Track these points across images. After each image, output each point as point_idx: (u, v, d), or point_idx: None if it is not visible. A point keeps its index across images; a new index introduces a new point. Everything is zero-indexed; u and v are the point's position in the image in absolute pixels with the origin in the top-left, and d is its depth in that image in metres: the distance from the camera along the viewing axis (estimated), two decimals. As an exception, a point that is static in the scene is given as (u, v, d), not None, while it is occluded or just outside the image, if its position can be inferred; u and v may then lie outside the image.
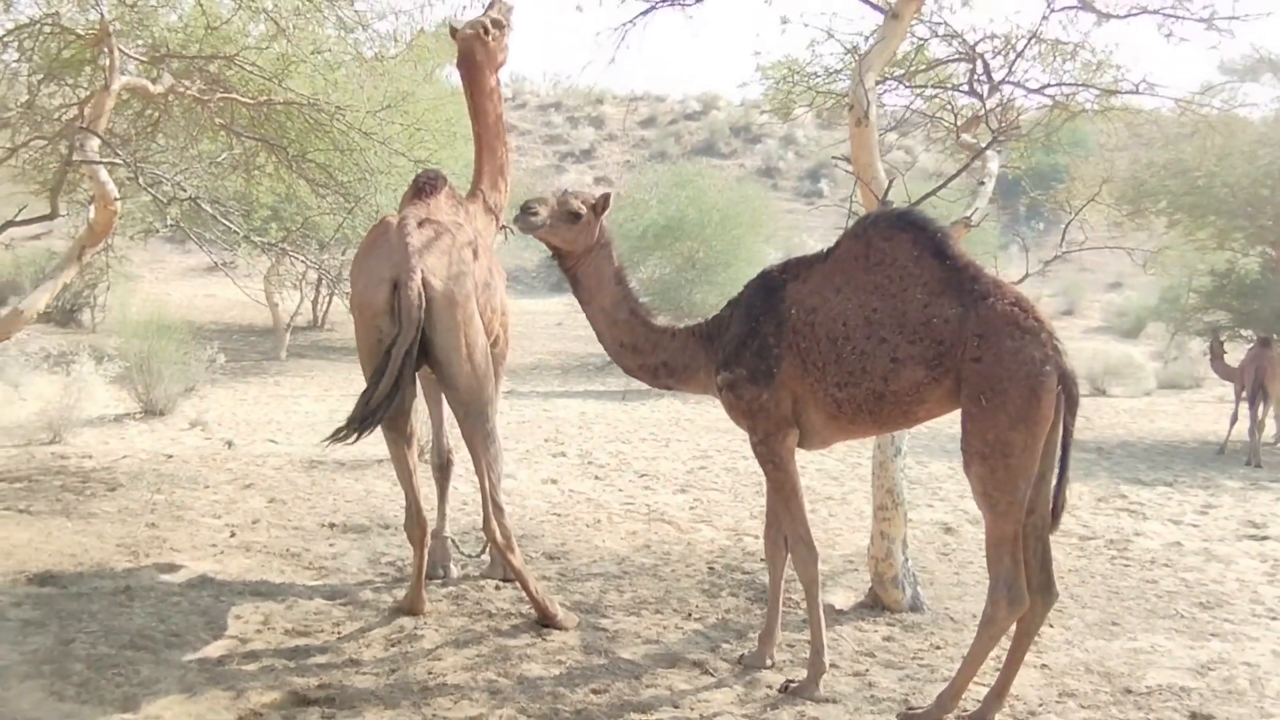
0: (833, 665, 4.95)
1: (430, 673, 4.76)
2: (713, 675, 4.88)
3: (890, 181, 5.81)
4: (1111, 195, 13.75)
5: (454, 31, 6.19)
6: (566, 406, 15.09)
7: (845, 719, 4.43)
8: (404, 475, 5.48)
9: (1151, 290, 25.43)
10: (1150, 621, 6.03)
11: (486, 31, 6.13)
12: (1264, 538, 8.30)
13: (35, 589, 5.69)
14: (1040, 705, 4.66)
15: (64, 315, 20.55)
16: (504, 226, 6.57)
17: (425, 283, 5.09)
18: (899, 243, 4.45)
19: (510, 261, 27.28)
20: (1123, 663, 5.28)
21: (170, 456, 9.82)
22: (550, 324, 24.55)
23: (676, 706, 4.51)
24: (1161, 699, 4.81)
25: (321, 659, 4.89)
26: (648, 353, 4.98)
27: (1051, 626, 5.71)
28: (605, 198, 4.94)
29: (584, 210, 4.83)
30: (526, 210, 4.75)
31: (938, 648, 5.41)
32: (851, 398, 4.43)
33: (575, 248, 4.88)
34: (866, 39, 6.70)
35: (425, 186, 5.83)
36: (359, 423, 5.11)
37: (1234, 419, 13.03)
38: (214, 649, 4.95)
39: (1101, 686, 4.93)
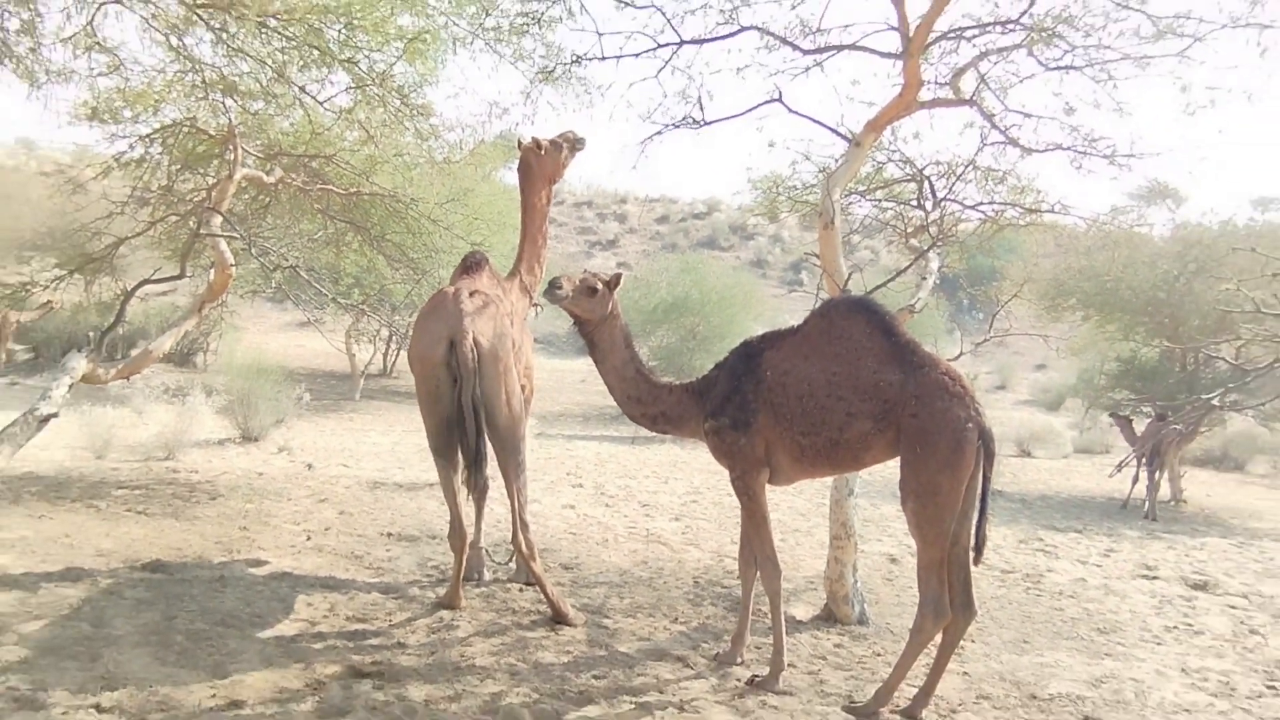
0: (791, 664, 4.97)
1: (462, 656, 4.81)
2: (692, 668, 4.91)
3: (849, 274, 5.95)
4: (1034, 293, 13.92)
5: (519, 143, 6.36)
6: (585, 447, 15.12)
7: (799, 709, 4.45)
8: (449, 495, 5.54)
9: (1070, 372, 25.42)
10: (1055, 641, 6.02)
11: (540, 147, 6.28)
12: (1154, 577, 8.25)
13: (147, 575, 5.77)
14: (960, 705, 4.68)
15: (182, 357, 20.73)
16: (535, 304, 6.67)
17: (475, 341, 5.21)
18: (855, 322, 4.57)
19: (546, 328, 27.52)
20: (1030, 674, 5.28)
21: (261, 474, 9.90)
22: (576, 381, 24.61)
23: (661, 692, 4.54)
24: (1060, 705, 4.82)
25: (375, 641, 4.94)
26: (649, 404, 5.06)
27: (973, 641, 5.72)
28: (617, 277, 5.04)
29: (600, 286, 4.92)
30: (554, 285, 4.84)
31: (879, 655, 5.41)
32: (813, 444, 4.51)
33: (592, 316, 4.96)
34: (835, 160, 6.88)
35: (472, 265, 5.97)
36: (474, 462, 5.26)
37: (1135, 480, 12.98)
38: (289, 629, 5.02)
39: (1012, 693, 4.94)
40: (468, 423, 5.19)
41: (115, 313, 8.95)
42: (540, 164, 6.32)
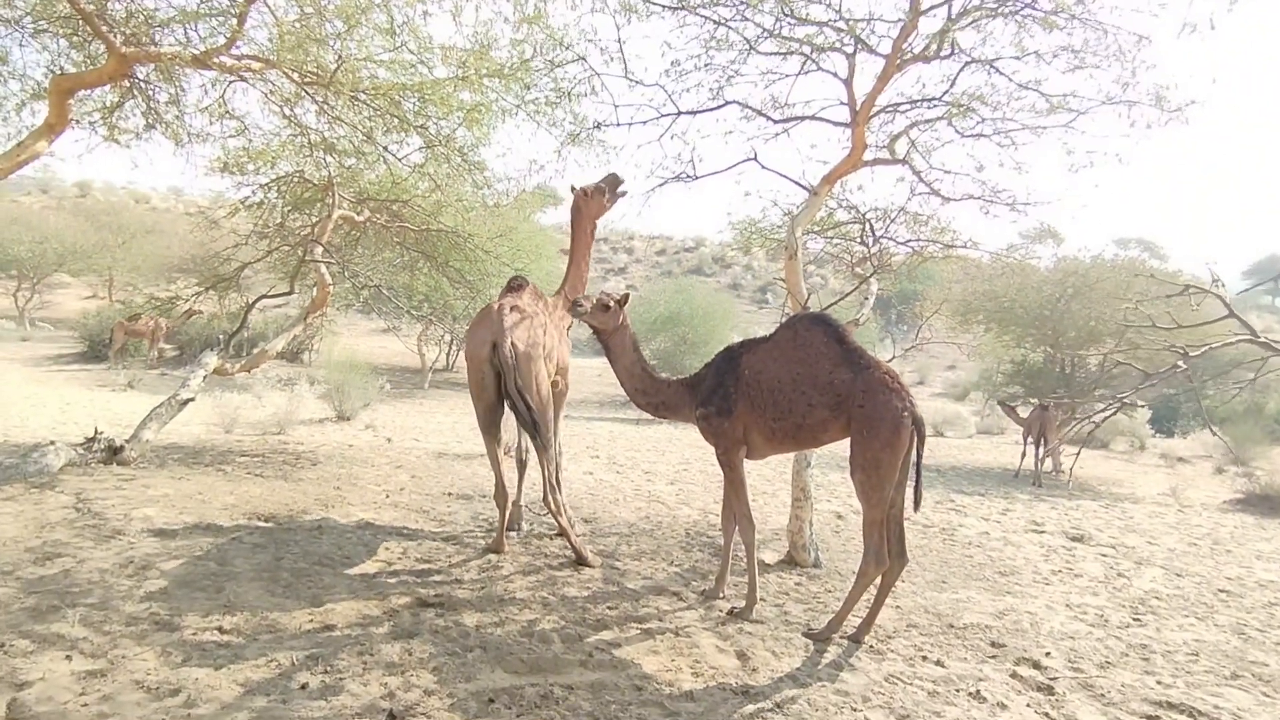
0: (761, 599, 4.86)
1: (506, 590, 4.69)
2: (685, 601, 4.80)
3: (809, 295, 5.83)
4: (948, 310, 13.79)
5: (571, 189, 6.16)
6: (601, 427, 15.03)
7: (768, 634, 4.33)
8: (494, 462, 5.41)
9: (974, 371, 25.30)
10: (967, 582, 5.89)
11: (586, 193, 6.10)
12: (1042, 531, 8.12)
13: (261, 524, 5.67)
14: (894, 632, 4.55)
15: (292, 354, 20.67)
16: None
17: (513, 344, 5.10)
18: (815, 332, 4.44)
19: (577, 334, 27.50)
20: (948, 608, 5.15)
21: (351, 446, 9.81)
22: (594, 375, 24.48)
23: (661, 620, 4.43)
24: (973, 632, 4.68)
25: (438, 578, 4.83)
26: (652, 394, 4.93)
27: (903, 582, 5.60)
28: (626, 296, 4.93)
29: (612, 303, 4.83)
30: (576, 304, 4.77)
31: (830, 591, 5.29)
32: (781, 427, 4.40)
33: (607, 327, 4.85)
34: (797, 206, 6.77)
35: (515, 286, 5.78)
36: (534, 431, 5.01)
37: (1023, 455, 12.86)
38: (370, 568, 4.91)
39: (934, 622, 4.81)
40: (517, 404, 5.03)
41: (240, 321, 8.89)
42: (587, 206, 6.15)
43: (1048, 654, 4.39)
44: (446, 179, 8.32)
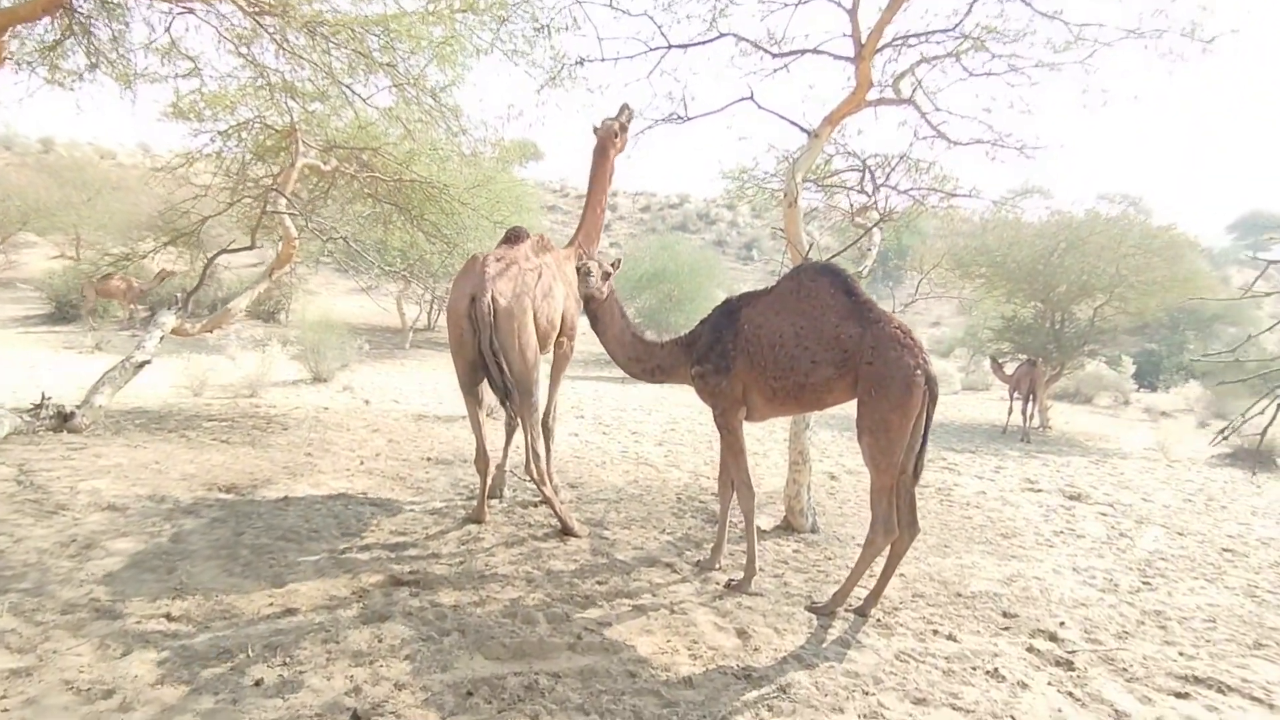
0: (760, 569, 4.55)
1: (487, 565, 4.32)
2: (679, 573, 4.46)
3: (810, 245, 5.40)
4: (949, 264, 13.41)
5: (595, 129, 5.61)
6: (585, 386, 14.64)
7: (769, 609, 4.01)
8: (475, 426, 5.01)
9: (958, 327, 25.15)
10: (970, 545, 5.61)
11: (613, 135, 5.60)
12: (1038, 490, 7.90)
13: (222, 496, 5.22)
14: (900, 603, 4.26)
15: (267, 315, 19.97)
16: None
17: (493, 299, 4.64)
18: (821, 284, 4.03)
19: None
20: (954, 574, 4.86)
21: (326, 409, 9.33)
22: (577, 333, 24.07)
23: (654, 595, 4.09)
24: (982, 601, 4.40)
25: (413, 552, 4.44)
26: (646, 360, 4.54)
27: (905, 546, 5.31)
28: (618, 261, 4.56)
29: (611, 271, 4.47)
30: (588, 272, 4.38)
31: (829, 559, 4.99)
32: (783, 387, 4.01)
33: (601, 296, 4.43)
34: (794, 151, 6.29)
35: (512, 237, 5.28)
36: (504, 397, 4.67)
37: (1010, 411, 12.68)
38: (340, 543, 4.49)
39: (941, 591, 4.52)
40: (490, 366, 4.64)
41: (199, 277, 8.31)
42: (613, 145, 5.61)
43: (1062, 624, 4.12)
44: (418, 124, 7.70)
